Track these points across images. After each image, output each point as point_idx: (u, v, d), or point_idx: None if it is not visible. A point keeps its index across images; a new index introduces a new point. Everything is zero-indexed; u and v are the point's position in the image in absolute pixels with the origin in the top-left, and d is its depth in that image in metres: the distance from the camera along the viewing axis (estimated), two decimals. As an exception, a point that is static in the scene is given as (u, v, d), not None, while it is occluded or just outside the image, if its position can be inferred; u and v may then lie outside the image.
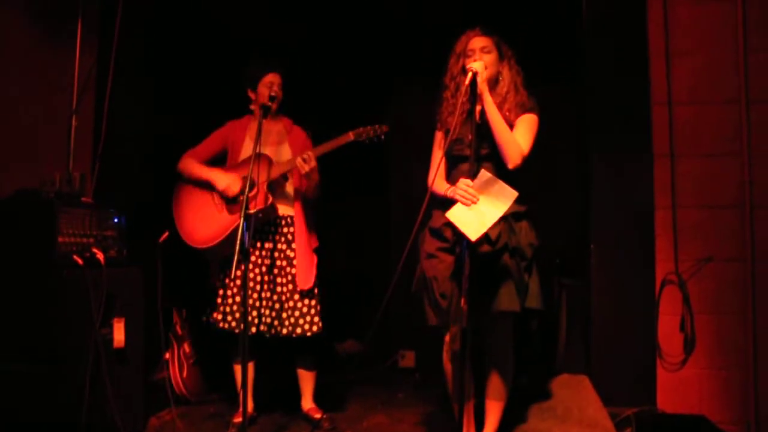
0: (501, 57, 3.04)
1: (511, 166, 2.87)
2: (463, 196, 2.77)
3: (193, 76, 4.48)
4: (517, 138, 2.91)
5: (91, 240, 3.17)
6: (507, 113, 2.97)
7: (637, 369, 3.52)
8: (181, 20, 4.40)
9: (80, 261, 3.00)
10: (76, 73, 3.73)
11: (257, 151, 3.18)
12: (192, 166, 3.59)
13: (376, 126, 3.44)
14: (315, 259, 3.59)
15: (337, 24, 4.72)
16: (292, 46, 4.49)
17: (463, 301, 2.62)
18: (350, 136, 3.44)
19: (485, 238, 2.78)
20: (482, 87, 2.88)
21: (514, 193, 2.72)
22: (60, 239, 2.99)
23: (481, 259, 2.79)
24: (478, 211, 2.72)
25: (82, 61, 3.75)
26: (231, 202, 3.51)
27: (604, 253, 3.67)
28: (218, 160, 3.66)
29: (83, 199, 3.28)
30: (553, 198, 4.27)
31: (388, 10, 4.65)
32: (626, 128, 3.66)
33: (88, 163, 3.73)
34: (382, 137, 3.46)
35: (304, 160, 3.40)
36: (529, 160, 2.91)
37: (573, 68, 4.10)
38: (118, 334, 3.17)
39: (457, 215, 2.75)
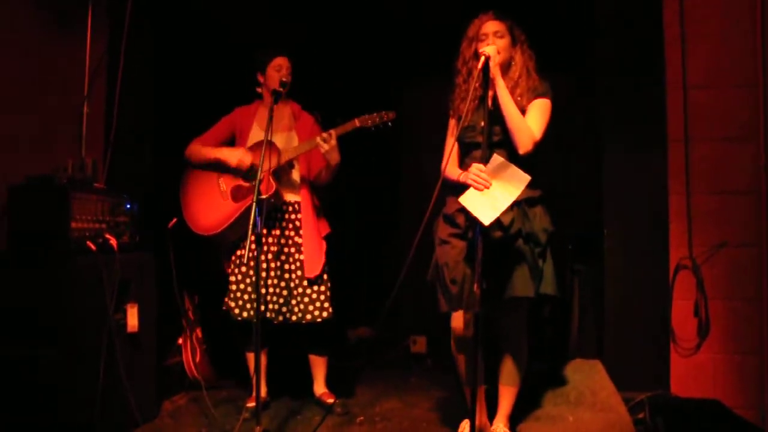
0: (514, 42, 3.01)
1: (522, 151, 2.85)
2: (475, 181, 2.76)
3: (202, 64, 4.49)
4: (529, 123, 2.89)
5: (104, 226, 3.18)
6: (519, 98, 2.95)
7: (651, 354, 3.53)
8: (191, 10, 4.41)
9: (93, 247, 3.02)
10: (87, 61, 3.73)
11: (269, 134, 3.16)
12: (199, 149, 3.59)
13: (383, 113, 3.42)
14: (324, 245, 3.60)
15: (348, 12, 4.71)
16: (300, 35, 4.48)
17: (476, 286, 2.62)
18: (355, 122, 3.42)
19: (498, 223, 2.79)
20: (495, 71, 2.84)
21: (527, 177, 2.71)
22: (73, 225, 3.00)
23: (495, 245, 2.80)
24: (491, 195, 2.72)
25: (92, 49, 3.75)
26: (246, 176, 3.51)
27: (617, 238, 3.68)
28: (227, 145, 3.65)
29: (96, 185, 3.29)
30: (566, 183, 4.27)
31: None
32: (640, 112, 3.65)
33: (100, 150, 3.75)
34: (389, 123, 3.44)
35: (324, 140, 3.39)
36: (541, 145, 2.89)
37: (586, 53, 4.09)
38: (132, 319, 3.19)
39: (469, 200, 2.75)
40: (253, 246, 2.92)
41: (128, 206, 3.37)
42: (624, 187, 3.67)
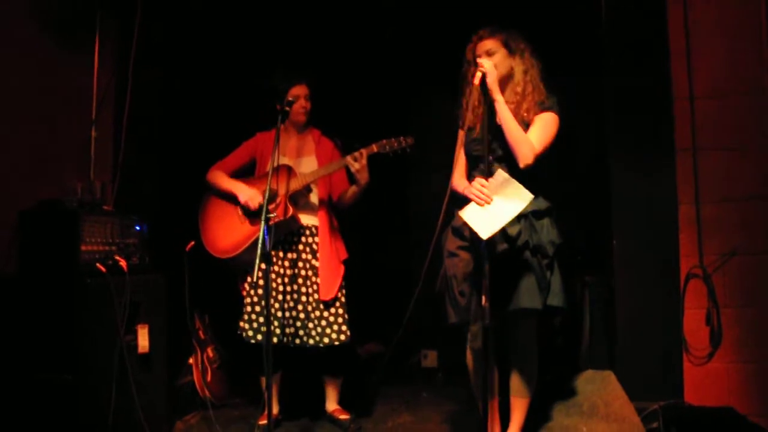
0: (511, 52, 2.99)
1: (522, 165, 2.84)
2: (476, 195, 2.78)
3: (213, 87, 4.52)
4: (531, 136, 2.88)
5: (114, 248, 3.21)
6: (525, 113, 2.95)
7: (664, 363, 3.52)
8: (201, 32, 4.45)
9: (103, 269, 3.05)
10: (95, 85, 3.78)
11: (276, 161, 3.17)
12: (218, 177, 3.63)
13: (401, 138, 3.42)
14: (341, 269, 3.60)
15: (352, 34, 4.74)
16: (315, 55, 4.51)
17: (484, 299, 2.62)
18: (373, 148, 3.42)
19: (504, 235, 2.82)
20: (492, 86, 2.84)
21: (530, 196, 2.71)
22: (83, 247, 3.03)
23: (502, 257, 2.82)
24: (491, 210, 2.73)
25: (100, 72, 3.79)
26: (252, 215, 3.54)
27: (626, 248, 3.67)
28: (247, 171, 3.69)
29: (105, 207, 3.33)
30: (574, 194, 4.23)
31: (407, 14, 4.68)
32: (647, 122, 3.66)
33: (108, 173, 3.79)
34: (408, 150, 3.43)
35: (355, 159, 3.39)
36: (543, 158, 2.89)
37: (593, 61, 4.05)
38: (143, 340, 3.22)
39: (469, 214, 2.77)
40: (263, 265, 2.92)
41: (138, 228, 3.40)
42: (633, 197, 3.66)
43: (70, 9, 3.64)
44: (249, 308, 3.54)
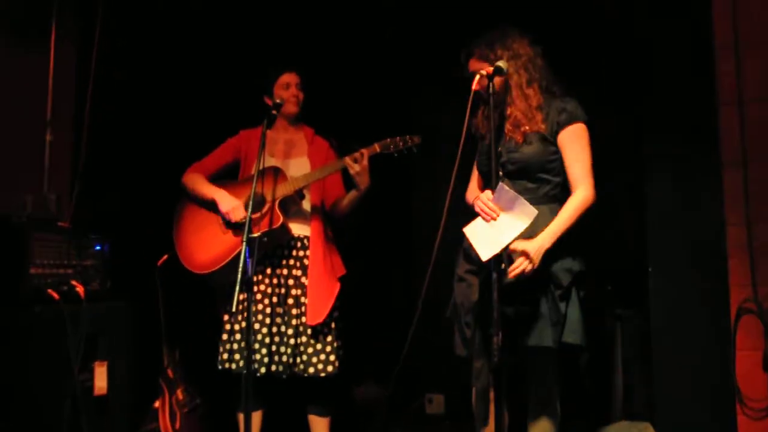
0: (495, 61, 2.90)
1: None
2: (482, 210, 2.81)
3: (189, 83, 4.50)
4: (574, 170, 2.91)
5: (70, 271, 3.16)
6: (527, 126, 2.93)
7: (713, 415, 3.36)
8: (176, 20, 4.42)
9: (56, 295, 2.98)
10: (50, 81, 3.70)
11: (261, 164, 3.12)
12: (196, 181, 3.57)
13: (407, 137, 3.37)
14: (336, 288, 3.52)
15: (357, 34, 4.76)
16: (306, 53, 4.48)
17: (495, 333, 2.58)
18: (376, 148, 3.38)
19: (510, 262, 2.78)
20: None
21: (534, 212, 2.73)
22: (32, 270, 2.97)
23: (509, 287, 2.77)
24: (497, 228, 2.76)
25: (57, 68, 3.72)
26: (233, 227, 3.46)
27: (664, 277, 3.56)
28: (230, 172, 3.65)
29: (60, 223, 3.25)
30: (604, 216, 4.18)
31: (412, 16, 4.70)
32: (689, 133, 3.56)
33: (66, 184, 3.71)
34: (414, 150, 3.38)
35: (355, 160, 3.34)
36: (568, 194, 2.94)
37: (626, 70, 4.03)
38: (100, 380, 3.14)
39: (473, 230, 2.82)
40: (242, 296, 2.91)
41: (98, 248, 3.33)
42: (672, 217, 3.57)
43: (23, 4, 3.63)
44: (230, 336, 3.48)
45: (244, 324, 3.45)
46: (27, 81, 3.68)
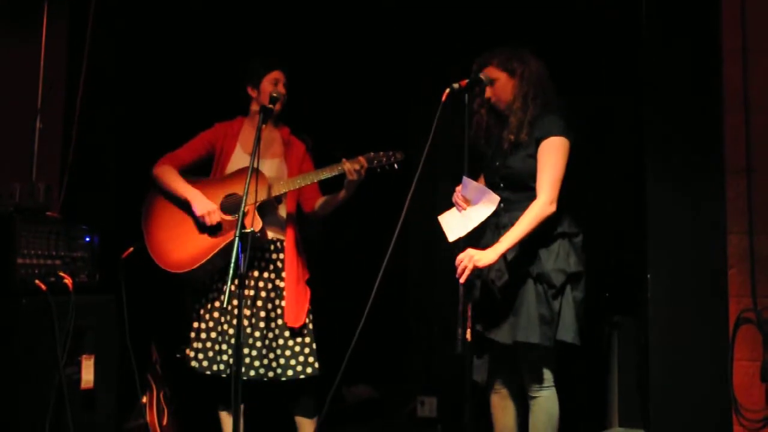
0: (512, 74, 3.19)
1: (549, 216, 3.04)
2: (456, 201, 3.12)
3: (180, 75, 4.48)
4: (541, 181, 3.06)
5: (58, 262, 3.13)
6: (523, 137, 3.12)
7: (708, 426, 3.35)
8: (172, 14, 4.41)
9: (43, 286, 2.95)
10: (41, 67, 3.67)
11: (256, 161, 3.08)
12: (168, 175, 3.53)
13: (390, 152, 3.40)
14: (308, 291, 3.55)
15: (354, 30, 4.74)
16: (295, 50, 4.48)
17: (468, 330, 2.86)
18: (361, 161, 3.38)
19: (504, 262, 3.04)
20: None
21: (496, 198, 3.01)
22: (19, 261, 2.94)
23: (503, 286, 3.05)
24: (466, 216, 3.07)
25: (48, 54, 3.69)
26: (208, 230, 3.44)
27: (664, 285, 3.52)
28: (203, 165, 3.63)
29: (49, 213, 3.22)
30: (603, 220, 4.21)
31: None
32: (691, 140, 3.54)
33: (55, 173, 3.69)
34: (396, 166, 3.40)
35: (357, 171, 3.36)
36: (563, 194, 3.07)
37: (627, 74, 4.03)
38: (87, 374, 3.11)
39: (446, 219, 3.13)
40: (234, 289, 2.84)
41: (87, 239, 3.30)
42: (672, 225, 3.54)
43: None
44: (204, 335, 3.47)
45: (211, 325, 3.47)
46: (17, 68, 3.67)
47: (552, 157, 3.06)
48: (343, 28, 4.68)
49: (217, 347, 3.44)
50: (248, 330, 3.43)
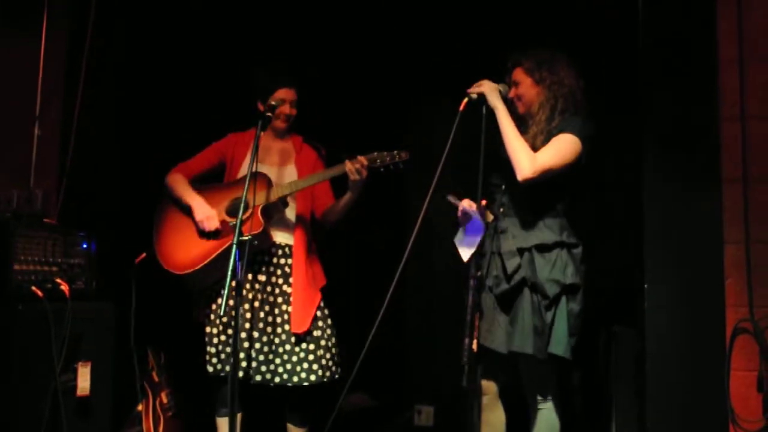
0: (537, 81, 3.13)
1: (519, 178, 2.95)
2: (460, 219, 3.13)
3: (182, 81, 4.49)
4: (540, 153, 2.99)
5: (55, 268, 3.15)
6: (540, 145, 3.05)
7: None
8: (171, 16, 4.41)
9: (40, 293, 2.98)
10: (40, 74, 3.70)
11: (254, 169, 3.10)
12: (177, 182, 3.58)
13: (394, 152, 3.35)
14: (318, 298, 3.54)
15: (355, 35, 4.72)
16: (302, 58, 4.47)
17: (474, 340, 2.80)
18: (363, 161, 3.36)
19: (502, 271, 3.04)
20: (494, 103, 3.02)
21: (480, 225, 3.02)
22: (16, 267, 2.97)
23: (501, 295, 3.05)
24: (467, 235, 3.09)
25: (47, 61, 3.71)
26: (208, 235, 3.47)
27: (661, 295, 3.50)
28: (216, 175, 3.66)
29: (46, 220, 3.26)
30: (600, 229, 4.19)
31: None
32: (689, 148, 3.54)
33: (53, 180, 3.70)
34: (401, 166, 3.36)
35: (358, 171, 3.33)
36: (549, 176, 2.99)
37: (624, 83, 3.99)
38: (83, 381, 3.13)
39: (458, 239, 3.11)
40: (231, 294, 2.90)
41: (84, 246, 3.33)
42: (669, 234, 3.52)
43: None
44: (215, 339, 3.47)
45: (221, 328, 3.47)
46: (15, 75, 3.69)
47: (560, 144, 3.02)
48: (344, 28, 4.68)
49: (228, 350, 3.42)
50: (255, 334, 3.43)
